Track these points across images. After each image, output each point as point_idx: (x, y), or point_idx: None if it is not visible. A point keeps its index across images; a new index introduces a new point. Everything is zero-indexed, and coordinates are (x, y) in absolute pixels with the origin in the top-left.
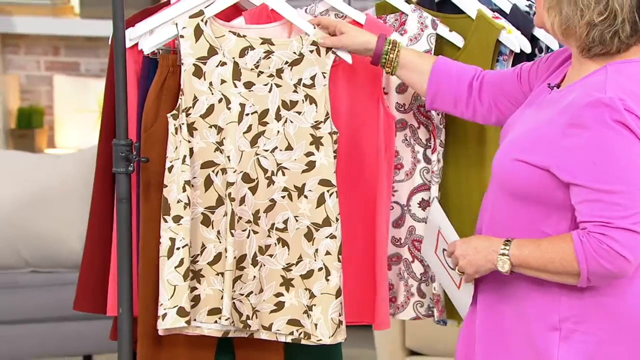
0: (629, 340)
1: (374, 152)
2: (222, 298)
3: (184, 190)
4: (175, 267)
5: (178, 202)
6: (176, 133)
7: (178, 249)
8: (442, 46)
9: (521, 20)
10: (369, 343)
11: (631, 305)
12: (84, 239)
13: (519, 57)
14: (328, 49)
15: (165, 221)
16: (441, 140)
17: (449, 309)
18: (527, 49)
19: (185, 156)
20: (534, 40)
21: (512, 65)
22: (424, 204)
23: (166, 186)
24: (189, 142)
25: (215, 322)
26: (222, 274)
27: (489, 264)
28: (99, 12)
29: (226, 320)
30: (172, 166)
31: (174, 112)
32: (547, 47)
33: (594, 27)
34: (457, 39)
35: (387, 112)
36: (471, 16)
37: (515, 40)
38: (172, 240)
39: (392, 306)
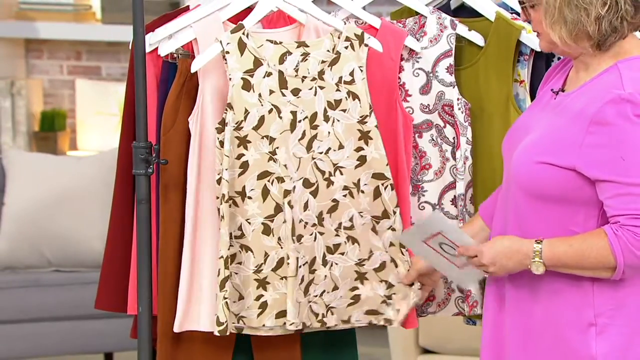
0: None
1: (393, 153)
2: (286, 301)
3: (221, 203)
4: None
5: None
6: (221, 147)
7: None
8: (462, 48)
9: None
10: (382, 341)
11: None
12: (105, 239)
13: (539, 57)
14: (361, 42)
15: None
16: (467, 138)
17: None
18: None
19: (226, 170)
20: None
21: (533, 65)
22: (455, 201)
23: (217, 198)
24: (243, 155)
25: (284, 324)
26: (286, 278)
27: (522, 266)
28: (120, 18)
29: (291, 325)
30: (220, 178)
31: (218, 126)
32: None
33: (603, 20)
34: (477, 38)
35: (404, 113)
36: (490, 18)
37: (536, 40)
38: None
39: (431, 304)
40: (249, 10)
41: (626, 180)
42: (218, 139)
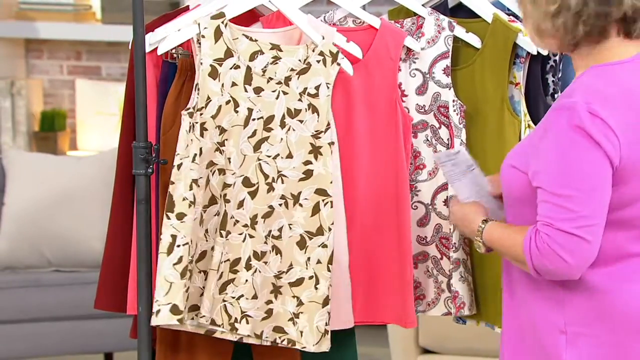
0: (634, 343)
1: (393, 153)
2: (201, 295)
3: (191, 188)
4: (174, 265)
5: (183, 199)
6: (189, 131)
7: (178, 246)
8: (459, 49)
9: None
10: (382, 341)
11: (633, 308)
12: (104, 239)
13: (535, 60)
14: (334, 60)
15: (168, 218)
16: (461, 140)
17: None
18: (544, 51)
19: (195, 155)
20: None
21: (529, 68)
22: (448, 202)
23: (173, 183)
24: (199, 141)
25: (193, 318)
26: (205, 272)
27: (473, 238)
28: (120, 18)
29: (202, 317)
30: (181, 163)
31: (190, 109)
32: None
33: (556, 18)
34: (474, 40)
35: (404, 113)
36: (487, 20)
37: (532, 43)
38: (174, 237)
39: (421, 303)
40: (248, 11)
41: (549, 188)
42: (189, 122)
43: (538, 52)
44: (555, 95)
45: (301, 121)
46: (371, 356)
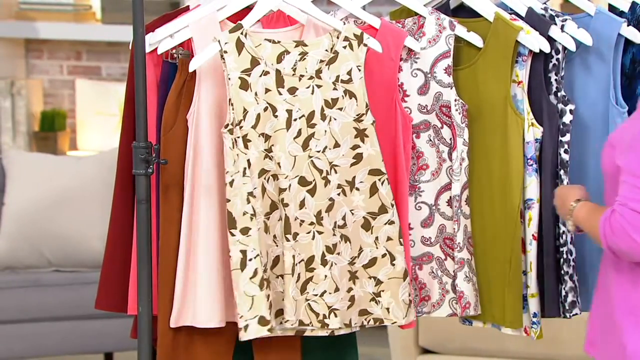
0: None
1: (392, 153)
2: (283, 300)
3: (249, 202)
4: (250, 278)
5: (244, 214)
6: (233, 147)
7: (250, 260)
8: (461, 48)
9: (537, 22)
10: (382, 341)
11: None
12: (105, 239)
13: (537, 58)
14: (360, 42)
15: (233, 235)
16: (464, 139)
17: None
18: (546, 49)
19: (245, 168)
20: (550, 41)
21: (531, 66)
22: (451, 202)
23: (229, 200)
24: (245, 154)
25: (281, 323)
26: (282, 276)
27: (567, 218)
28: (120, 18)
29: (286, 322)
30: (232, 180)
31: (229, 127)
32: (564, 48)
33: None
34: (475, 39)
35: (403, 113)
36: (488, 19)
37: (534, 41)
38: (243, 252)
39: (426, 305)
40: (247, 10)
41: (629, 168)
42: (231, 139)
43: (540, 50)
44: (558, 94)
45: (340, 109)
46: (371, 356)
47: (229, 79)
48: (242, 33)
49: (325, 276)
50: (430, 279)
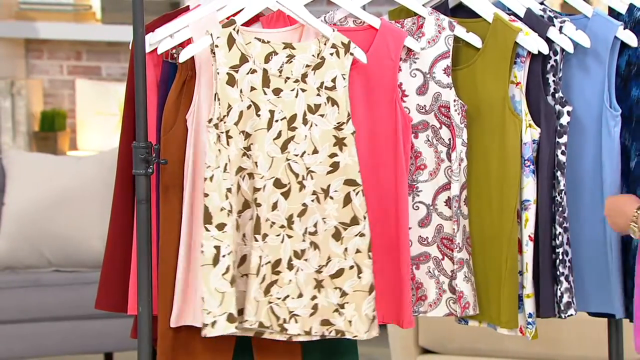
0: None
1: (392, 153)
2: (244, 299)
3: (227, 197)
4: (223, 275)
5: (221, 209)
6: (217, 142)
7: (224, 256)
8: (459, 49)
9: (536, 23)
10: (382, 341)
11: None
12: (105, 239)
13: (536, 59)
14: (346, 50)
15: (208, 230)
16: (463, 140)
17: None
18: (545, 50)
19: (226, 164)
20: (548, 43)
21: (530, 68)
22: (449, 202)
23: (207, 195)
24: (227, 149)
25: (241, 322)
26: (247, 275)
27: (627, 228)
28: (120, 18)
29: (245, 322)
30: (212, 175)
31: (214, 121)
32: (562, 50)
33: None
34: (475, 40)
35: (403, 113)
36: (487, 20)
37: (533, 42)
38: (217, 248)
39: (423, 304)
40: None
41: None
42: (216, 134)
43: (539, 52)
44: (556, 95)
45: (322, 115)
46: (371, 356)
47: (218, 73)
48: (234, 29)
49: (290, 280)
50: (427, 278)
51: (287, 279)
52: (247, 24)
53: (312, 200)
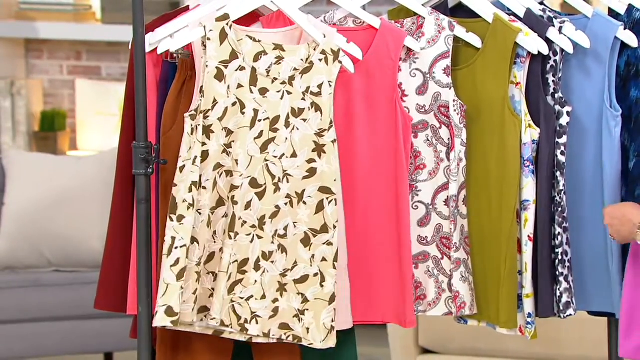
0: None
1: (392, 152)
2: (210, 297)
3: (190, 191)
4: (171, 266)
5: (183, 201)
6: (192, 133)
7: (176, 248)
8: (459, 49)
9: (535, 23)
10: (382, 341)
11: None
12: (104, 239)
13: (535, 59)
14: (335, 58)
15: (171, 220)
16: (462, 140)
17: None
18: (545, 50)
19: (196, 157)
20: (548, 43)
21: (529, 68)
22: (448, 202)
23: (176, 185)
24: (205, 144)
25: (202, 319)
26: (214, 273)
27: (632, 236)
28: (120, 18)
29: (212, 320)
30: (183, 166)
31: (192, 112)
32: (562, 50)
33: None
34: (474, 40)
35: (403, 113)
36: (487, 20)
37: (533, 43)
38: (173, 239)
39: (422, 304)
40: (252, 13)
41: None
42: (191, 125)
43: (538, 52)
44: (556, 95)
45: (305, 120)
46: (371, 356)
47: (207, 66)
48: (227, 24)
49: (255, 281)
50: (427, 277)
51: (253, 279)
52: (247, 23)
53: (286, 204)
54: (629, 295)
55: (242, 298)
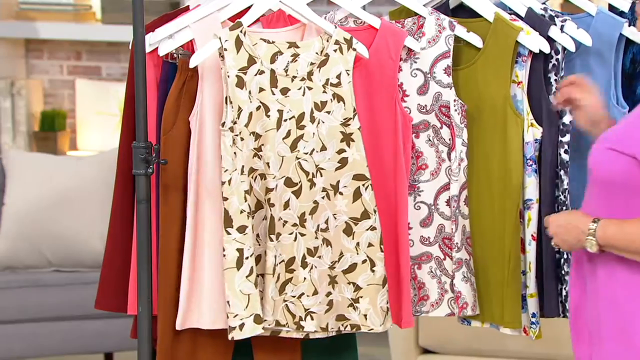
0: None
1: (392, 152)
2: (262, 299)
3: (245, 200)
4: (247, 277)
5: (241, 212)
6: (233, 145)
7: (247, 258)
8: (460, 48)
9: (537, 22)
10: (382, 341)
11: None
12: (104, 239)
13: (537, 58)
14: (349, 46)
15: (229, 233)
16: (463, 140)
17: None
18: (546, 49)
19: (243, 167)
20: (550, 42)
21: (531, 67)
22: (450, 202)
23: (226, 199)
24: (242, 152)
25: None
26: (263, 275)
27: (580, 243)
28: (120, 18)
29: (264, 321)
30: (230, 178)
31: (229, 125)
32: (564, 49)
33: None
34: (475, 39)
35: (403, 113)
36: (488, 19)
37: (534, 41)
38: (240, 250)
39: (425, 304)
40: (247, 10)
41: None
42: (232, 137)
43: (540, 51)
44: (558, 94)
45: (329, 112)
46: (371, 356)
47: (228, 76)
48: (241, 31)
49: (305, 278)
50: (429, 278)
51: (302, 276)
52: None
53: (323, 197)
54: (576, 301)
55: (293, 296)
